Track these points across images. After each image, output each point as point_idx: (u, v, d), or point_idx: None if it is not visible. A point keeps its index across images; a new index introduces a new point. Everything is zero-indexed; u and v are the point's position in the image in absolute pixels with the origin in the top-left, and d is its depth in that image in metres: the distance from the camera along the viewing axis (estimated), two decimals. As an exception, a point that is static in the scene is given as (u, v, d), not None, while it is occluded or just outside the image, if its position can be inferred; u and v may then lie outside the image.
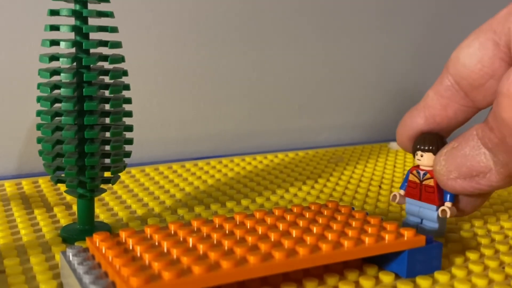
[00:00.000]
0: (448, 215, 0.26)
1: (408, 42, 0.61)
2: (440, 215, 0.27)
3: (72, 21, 0.26)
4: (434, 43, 0.63)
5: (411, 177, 0.28)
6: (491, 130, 0.22)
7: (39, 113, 0.26)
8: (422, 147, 0.27)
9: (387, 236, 0.23)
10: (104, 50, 0.27)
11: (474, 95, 0.25)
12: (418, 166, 0.28)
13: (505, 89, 0.21)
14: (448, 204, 0.27)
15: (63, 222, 0.30)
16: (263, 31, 0.53)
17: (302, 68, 0.55)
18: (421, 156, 0.27)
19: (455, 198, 0.27)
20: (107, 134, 0.28)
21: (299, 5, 0.54)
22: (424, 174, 0.27)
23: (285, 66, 0.54)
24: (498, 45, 0.23)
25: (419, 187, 0.28)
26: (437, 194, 0.27)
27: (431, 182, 0.27)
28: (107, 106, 0.27)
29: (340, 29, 0.57)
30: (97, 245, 0.22)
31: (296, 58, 0.55)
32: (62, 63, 0.26)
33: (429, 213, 0.27)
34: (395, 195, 0.28)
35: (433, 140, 0.27)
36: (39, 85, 0.26)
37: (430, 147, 0.27)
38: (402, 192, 0.29)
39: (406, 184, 0.28)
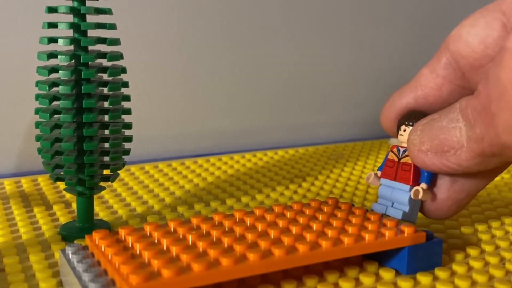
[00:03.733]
0: (420, 195, 0.24)
1: (409, 37, 0.61)
2: (412, 196, 0.25)
3: (70, 18, 0.26)
4: (434, 39, 0.63)
5: (390, 155, 0.26)
6: (476, 97, 0.21)
7: (37, 111, 0.26)
8: (407, 122, 0.25)
9: (387, 233, 0.23)
10: (103, 47, 0.27)
11: (472, 76, 0.24)
12: (400, 144, 0.26)
13: (510, 43, 0.19)
14: (422, 185, 0.25)
15: (63, 220, 0.30)
16: (263, 27, 0.52)
17: (301, 65, 0.55)
18: (404, 131, 0.25)
19: (432, 185, 0.25)
20: (106, 132, 0.27)
21: (298, 1, 0.54)
22: (404, 151, 0.25)
23: (285, 62, 0.54)
24: (505, 27, 0.22)
25: (396, 166, 0.26)
26: (413, 173, 0.25)
27: (409, 160, 0.25)
28: (106, 104, 0.27)
29: (340, 25, 0.56)
30: (97, 243, 0.22)
31: (296, 55, 0.55)
32: (61, 61, 0.25)
33: (400, 195, 0.25)
34: (370, 174, 0.27)
35: (420, 115, 0.25)
36: (38, 83, 0.26)
37: (415, 122, 0.25)
38: (378, 173, 0.27)
39: (384, 165, 0.26)
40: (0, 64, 0.42)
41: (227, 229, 0.23)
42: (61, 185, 0.36)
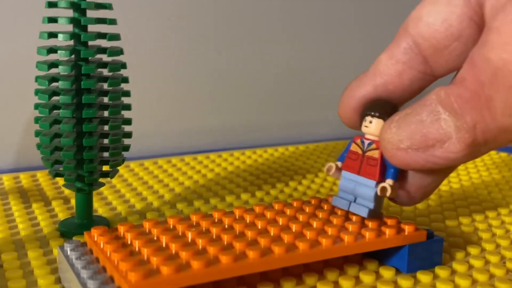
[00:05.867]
0: (388, 193, 0.23)
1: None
2: (378, 193, 0.23)
3: (70, 13, 0.26)
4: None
5: (353, 147, 0.24)
6: (461, 85, 0.19)
7: (37, 106, 0.26)
8: (372, 113, 0.23)
9: (387, 231, 0.23)
10: (103, 43, 0.27)
11: (435, 59, 0.22)
12: (363, 135, 0.24)
13: (498, 22, 0.18)
14: (389, 181, 0.23)
15: (61, 216, 0.30)
16: (263, 24, 0.52)
17: (302, 62, 0.55)
18: (370, 122, 0.23)
19: (401, 180, 0.24)
20: (106, 128, 0.27)
21: (300, -2, 0.54)
22: (369, 144, 0.24)
23: (285, 59, 0.54)
24: (468, 2, 0.21)
25: (360, 159, 0.24)
26: (380, 168, 0.23)
27: (375, 154, 0.23)
28: (106, 99, 0.27)
29: (341, 22, 0.56)
30: (95, 239, 0.22)
31: (296, 52, 0.54)
32: (60, 56, 0.25)
33: (365, 190, 0.24)
34: (330, 166, 0.25)
35: (386, 105, 0.23)
36: (37, 78, 0.26)
37: (382, 113, 0.23)
38: (339, 164, 0.25)
39: (345, 155, 0.25)
40: (0, 59, 0.42)
41: (226, 226, 0.23)
42: (60, 181, 0.36)
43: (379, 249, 0.23)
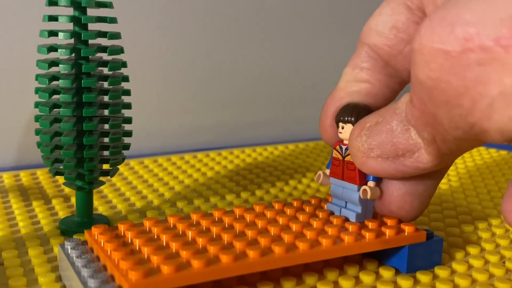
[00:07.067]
0: (369, 195, 0.23)
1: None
2: (361, 196, 0.23)
3: (70, 11, 0.26)
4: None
5: (334, 153, 0.24)
6: (411, 103, 0.20)
7: (37, 105, 0.26)
8: (342, 118, 0.24)
9: (387, 232, 0.23)
10: (103, 41, 0.27)
11: (395, 64, 0.23)
12: (342, 140, 0.24)
13: (417, 44, 0.18)
14: (370, 183, 0.23)
15: (62, 214, 0.30)
16: (263, 22, 0.52)
17: (302, 59, 0.55)
18: (342, 128, 0.24)
19: (385, 186, 0.23)
20: (106, 126, 0.27)
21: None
22: (346, 149, 0.24)
23: (285, 57, 0.54)
24: (410, 9, 0.22)
25: (341, 165, 0.24)
26: (358, 172, 0.23)
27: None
28: (106, 98, 0.27)
29: (340, 22, 0.56)
30: (96, 238, 0.22)
31: (296, 49, 0.54)
32: (61, 54, 0.25)
33: (351, 195, 0.24)
34: (319, 175, 0.25)
35: (355, 109, 0.23)
36: (37, 76, 0.26)
37: (351, 118, 0.23)
38: (327, 171, 0.25)
39: (330, 163, 0.25)
40: (0, 57, 0.42)
41: (227, 225, 0.23)
42: (61, 179, 0.36)
43: (379, 249, 0.23)
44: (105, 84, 0.27)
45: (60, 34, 0.25)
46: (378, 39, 0.23)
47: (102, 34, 0.26)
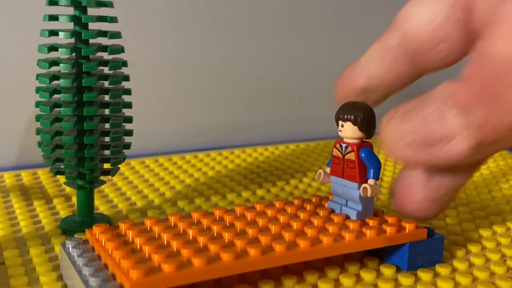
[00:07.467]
0: (369, 194, 0.23)
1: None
2: (361, 194, 0.23)
3: (71, 11, 0.26)
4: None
5: (334, 152, 0.25)
6: (468, 81, 0.19)
7: (38, 104, 0.26)
8: (341, 116, 0.24)
9: (388, 229, 0.23)
10: (104, 41, 0.27)
11: (421, 59, 0.22)
12: (341, 140, 0.24)
13: (501, 16, 0.17)
14: (370, 181, 0.23)
15: (63, 213, 0.30)
16: (263, 21, 0.52)
17: (303, 59, 0.55)
18: (342, 126, 0.24)
19: (407, 186, 0.23)
20: (107, 126, 0.27)
21: (300, -4, 0.54)
22: (346, 147, 0.24)
23: (286, 57, 0.54)
24: (453, 6, 0.21)
25: (341, 163, 0.24)
26: (358, 170, 0.23)
27: (352, 156, 0.24)
28: (107, 97, 0.27)
29: (342, 21, 0.56)
30: (97, 237, 0.22)
31: (297, 50, 0.54)
32: (61, 54, 0.25)
33: (351, 193, 0.24)
34: (319, 173, 0.25)
35: (355, 108, 0.23)
36: (38, 76, 0.26)
37: (350, 116, 0.23)
38: (328, 169, 0.25)
39: (331, 161, 0.25)
40: (1, 56, 0.42)
41: (227, 224, 0.23)
42: (61, 178, 0.36)
43: (380, 247, 0.23)
44: (106, 84, 0.27)
45: (61, 34, 0.25)
46: (412, 32, 0.22)
47: (103, 34, 0.26)
